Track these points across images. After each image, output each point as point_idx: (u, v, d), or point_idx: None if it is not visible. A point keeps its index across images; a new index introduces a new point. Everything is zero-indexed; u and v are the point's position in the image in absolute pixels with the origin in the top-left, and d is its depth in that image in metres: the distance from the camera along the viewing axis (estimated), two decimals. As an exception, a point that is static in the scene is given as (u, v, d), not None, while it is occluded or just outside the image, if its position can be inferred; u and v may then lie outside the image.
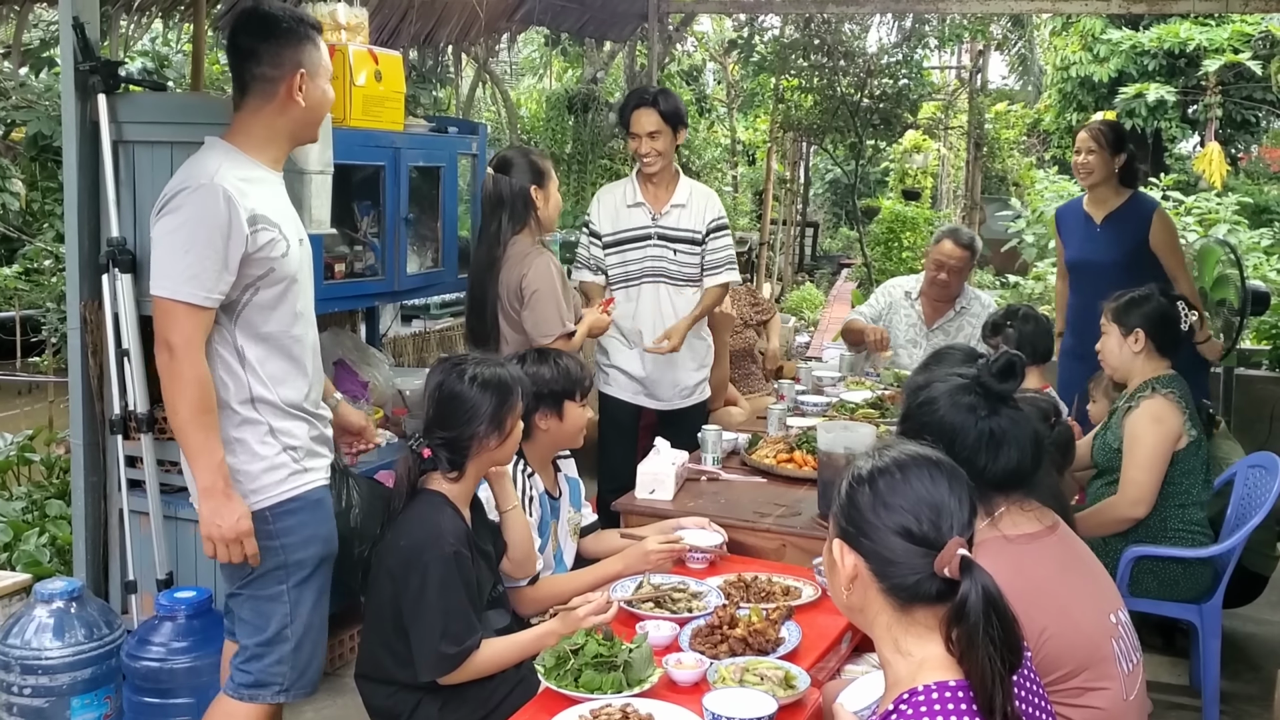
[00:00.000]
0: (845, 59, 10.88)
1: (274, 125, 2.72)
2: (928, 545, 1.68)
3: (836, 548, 1.77)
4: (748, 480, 3.86)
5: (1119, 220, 4.91)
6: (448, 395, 2.82)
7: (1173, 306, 3.78)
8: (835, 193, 18.73)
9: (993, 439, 2.18)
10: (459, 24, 7.10)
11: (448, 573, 2.64)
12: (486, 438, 2.80)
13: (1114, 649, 2.13)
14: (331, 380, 4.43)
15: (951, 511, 1.71)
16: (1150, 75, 13.27)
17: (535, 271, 3.88)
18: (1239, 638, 4.44)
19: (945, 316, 5.36)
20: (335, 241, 4.18)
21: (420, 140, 4.45)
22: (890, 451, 1.80)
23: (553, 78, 16.31)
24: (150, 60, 11.60)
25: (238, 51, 2.72)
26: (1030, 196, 11.99)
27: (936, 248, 5.32)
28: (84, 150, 3.67)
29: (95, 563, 3.88)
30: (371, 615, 2.79)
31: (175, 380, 2.55)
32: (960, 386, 2.25)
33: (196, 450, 2.58)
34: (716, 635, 2.60)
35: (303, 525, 2.73)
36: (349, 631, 4.21)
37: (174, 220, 2.58)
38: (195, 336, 2.56)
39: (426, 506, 2.77)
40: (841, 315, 11.06)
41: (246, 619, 2.77)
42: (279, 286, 2.68)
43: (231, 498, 2.61)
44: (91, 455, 3.84)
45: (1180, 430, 3.63)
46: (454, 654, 2.62)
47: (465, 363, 2.87)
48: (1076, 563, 2.23)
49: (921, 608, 1.69)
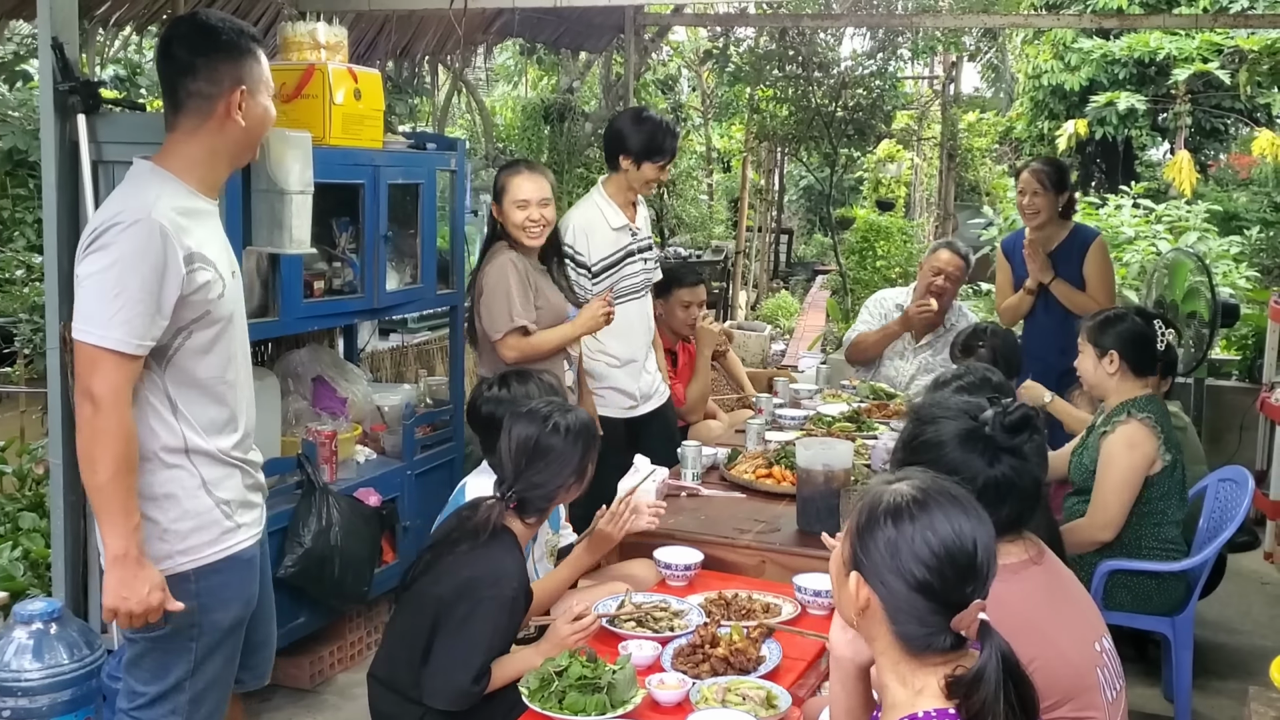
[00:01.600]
0: (820, 70, 10.94)
1: (211, 147, 2.49)
2: (948, 606, 1.65)
3: (853, 579, 1.72)
4: (727, 496, 3.89)
5: (1063, 254, 5.04)
6: (543, 449, 2.86)
7: (1149, 326, 3.77)
8: (810, 199, 18.80)
9: (998, 490, 2.15)
10: (436, 37, 7.11)
11: (500, 615, 2.69)
12: (572, 486, 2.90)
13: (1099, 678, 2.15)
14: (309, 398, 4.46)
15: (977, 568, 1.66)
16: (1121, 84, 13.42)
17: (489, 269, 3.95)
18: (1210, 648, 4.50)
19: (935, 332, 5.41)
20: (314, 259, 4.18)
21: (399, 158, 4.47)
22: (918, 482, 1.73)
23: (528, 85, 16.31)
24: (122, 68, 11.52)
25: (172, 64, 2.47)
26: (1003, 205, 12.09)
27: (934, 256, 5.38)
28: (63, 170, 3.65)
29: (74, 582, 3.85)
30: (405, 627, 2.81)
31: (98, 436, 2.31)
32: (970, 433, 2.21)
33: (114, 513, 2.34)
34: (698, 655, 2.62)
35: (226, 586, 2.54)
36: (328, 648, 4.22)
37: (104, 258, 2.33)
38: (122, 388, 2.33)
39: (499, 546, 2.79)
40: (817, 323, 11.14)
41: (145, 666, 2.56)
42: (214, 329, 2.49)
43: (144, 566, 2.37)
44: (70, 474, 3.81)
45: (1155, 455, 3.64)
46: (476, 692, 2.67)
47: (553, 413, 2.90)
48: (1062, 591, 2.24)
49: (932, 655, 1.68)
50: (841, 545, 1.78)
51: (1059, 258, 5.02)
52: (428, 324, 6.87)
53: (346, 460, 4.32)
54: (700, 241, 14.51)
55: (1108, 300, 4.91)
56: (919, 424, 2.29)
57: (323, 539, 3.87)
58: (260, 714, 3.95)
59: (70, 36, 3.65)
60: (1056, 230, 5.06)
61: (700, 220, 15.32)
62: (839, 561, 1.79)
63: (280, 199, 3.55)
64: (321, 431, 4.15)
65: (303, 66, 3.98)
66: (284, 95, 3.96)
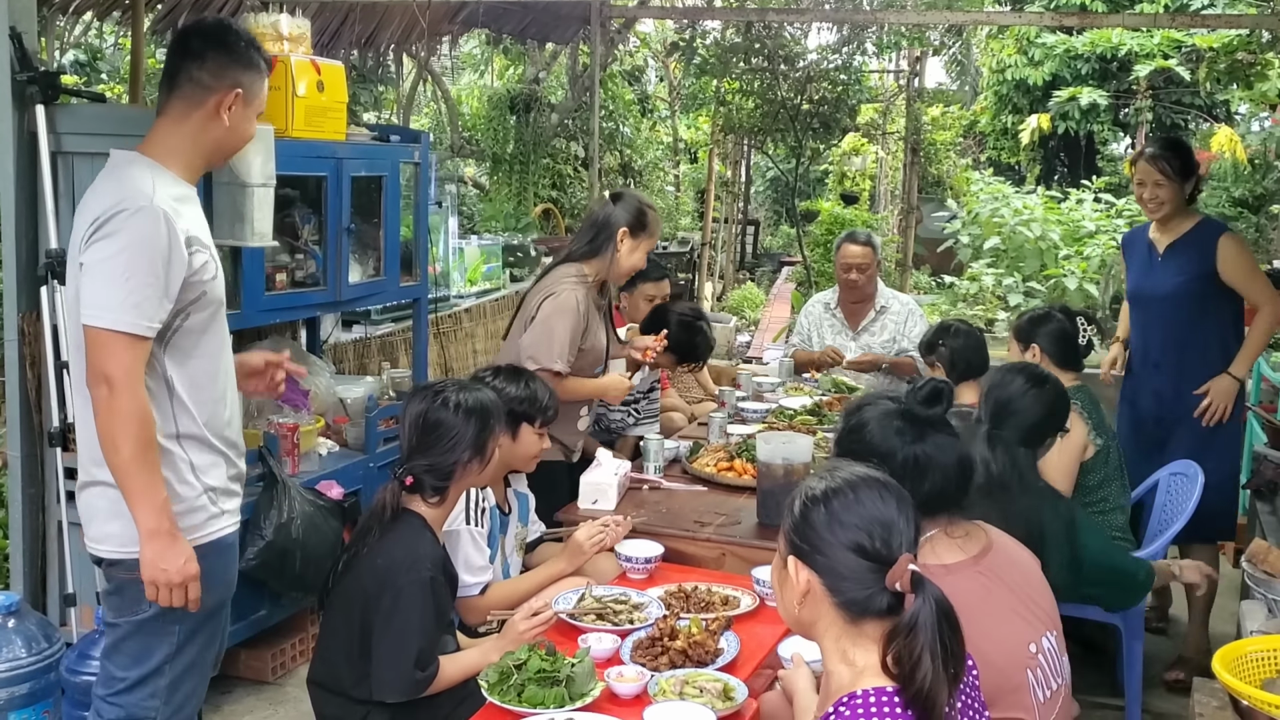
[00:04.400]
0: (786, 63, 11.00)
1: (194, 138, 2.57)
2: (880, 561, 1.78)
3: (791, 565, 1.85)
4: (689, 489, 3.92)
5: (1182, 248, 4.34)
6: (431, 423, 2.82)
7: (1072, 324, 4.00)
8: (776, 191, 18.89)
9: (917, 464, 2.25)
10: (400, 27, 7.10)
11: (424, 598, 2.67)
12: (470, 463, 2.83)
13: (1028, 679, 2.18)
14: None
15: (900, 530, 1.81)
16: (1083, 79, 13.58)
17: (560, 299, 3.87)
18: (1158, 640, 4.57)
19: (867, 318, 5.57)
20: (276, 251, 4.16)
21: (362, 150, 4.46)
22: (840, 472, 1.89)
23: (494, 75, 16.27)
24: (82, 53, 11.39)
25: (185, 50, 2.57)
26: (966, 199, 12.21)
27: (840, 252, 5.56)
28: (21, 161, 3.64)
29: (33, 575, 3.85)
30: (336, 626, 2.79)
31: (116, 416, 2.38)
32: (889, 412, 2.33)
33: (140, 491, 2.41)
34: (657, 647, 2.65)
35: (210, 572, 2.56)
36: (290, 641, 4.21)
37: (112, 245, 2.40)
38: (135, 368, 2.40)
39: (407, 529, 2.77)
40: (782, 315, 11.22)
41: (126, 650, 2.58)
42: (209, 310, 2.56)
43: (177, 539, 2.45)
44: (29, 467, 3.81)
45: (1085, 440, 3.76)
46: (422, 679, 2.66)
47: (446, 389, 2.88)
48: (1001, 593, 2.27)
49: (871, 621, 1.79)
50: (779, 548, 1.91)
51: (1179, 251, 4.34)
52: (391, 316, 6.84)
53: (309, 452, 4.32)
54: (667, 233, 14.55)
55: (1263, 296, 4.26)
56: (849, 415, 2.42)
57: (284, 532, 3.86)
58: (221, 706, 3.94)
59: (29, 26, 3.63)
60: (1181, 221, 4.35)
61: (667, 211, 15.37)
62: (779, 563, 1.92)
63: (242, 191, 3.55)
64: (283, 424, 4.14)
65: (265, 58, 3.96)
66: (246, 87, 3.95)
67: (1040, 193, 10.95)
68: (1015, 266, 9.77)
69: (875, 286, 5.58)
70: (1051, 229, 9.79)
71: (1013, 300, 9.29)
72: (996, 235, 10.00)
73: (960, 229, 10.78)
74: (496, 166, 12.41)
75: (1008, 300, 9.47)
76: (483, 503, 3.23)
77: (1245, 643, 2.62)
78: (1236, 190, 12.74)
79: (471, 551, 3.14)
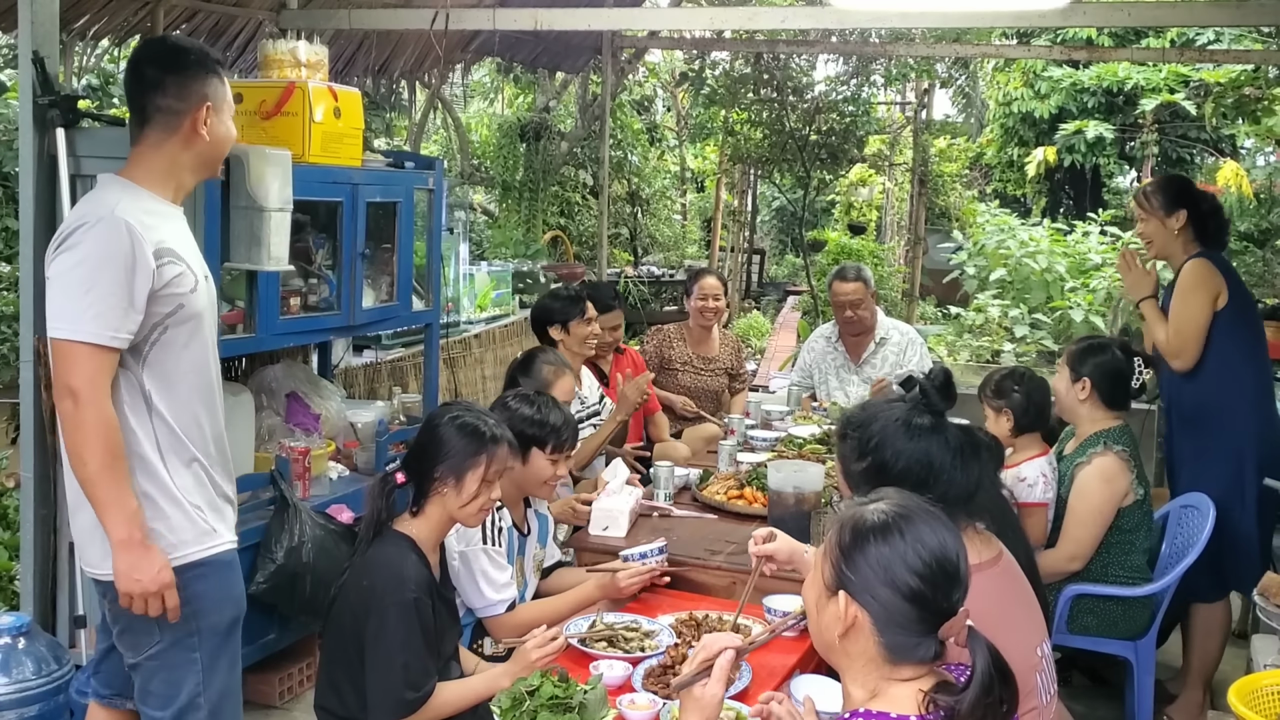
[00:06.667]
0: (794, 94, 11.06)
1: (177, 159, 2.61)
2: (937, 614, 1.72)
3: (842, 599, 1.76)
4: (699, 517, 3.92)
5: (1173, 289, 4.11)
6: (428, 429, 2.84)
7: (1128, 363, 3.81)
8: (782, 220, 18.94)
9: (962, 454, 2.24)
10: (414, 54, 7.15)
11: (408, 619, 2.64)
12: (444, 480, 2.76)
13: (1037, 682, 2.20)
14: (283, 414, 4.46)
15: (961, 576, 1.74)
16: (1090, 112, 13.65)
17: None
18: (1170, 674, 4.55)
19: (868, 350, 5.61)
20: (291, 275, 4.19)
21: (377, 176, 4.49)
22: (895, 501, 1.80)
23: (504, 103, 16.36)
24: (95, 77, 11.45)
25: (142, 82, 2.60)
26: (972, 230, 12.23)
27: (831, 291, 5.62)
28: (41, 184, 3.66)
29: (44, 597, 3.84)
30: (334, 648, 2.78)
31: (80, 428, 2.38)
32: (907, 413, 2.30)
33: (108, 502, 2.41)
34: (669, 675, 2.65)
35: (215, 587, 2.59)
36: (297, 665, 4.21)
37: (72, 257, 2.41)
38: (99, 379, 2.39)
39: (392, 548, 2.75)
40: (789, 344, 11.23)
41: (156, 690, 2.58)
42: (189, 325, 2.55)
43: (149, 548, 2.45)
44: (41, 488, 3.81)
45: (1128, 489, 3.71)
46: (412, 700, 2.64)
47: (457, 407, 2.89)
48: (1013, 594, 2.29)
49: (909, 665, 1.74)
50: (820, 569, 1.83)
51: (1169, 291, 4.11)
52: (401, 341, 6.87)
53: (319, 476, 4.33)
54: (673, 261, 14.61)
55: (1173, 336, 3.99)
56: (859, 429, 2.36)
57: (295, 555, 3.86)
58: (229, 730, 3.93)
59: (51, 51, 3.66)
60: (1180, 260, 4.05)
61: (673, 239, 15.42)
62: (818, 584, 1.82)
63: (259, 216, 3.57)
64: (295, 448, 4.16)
65: (283, 84, 4.00)
66: (264, 112, 3.98)
67: (1046, 225, 10.97)
68: (1021, 298, 9.76)
69: (875, 318, 5.59)
70: (1057, 261, 9.80)
71: (1019, 332, 9.28)
72: (1002, 266, 10.00)
73: (966, 260, 10.79)
74: (506, 193, 12.47)
75: (1013, 332, 9.47)
76: (500, 522, 3.22)
77: (1259, 676, 2.62)
78: (1242, 225, 12.76)
79: (491, 570, 3.13)
